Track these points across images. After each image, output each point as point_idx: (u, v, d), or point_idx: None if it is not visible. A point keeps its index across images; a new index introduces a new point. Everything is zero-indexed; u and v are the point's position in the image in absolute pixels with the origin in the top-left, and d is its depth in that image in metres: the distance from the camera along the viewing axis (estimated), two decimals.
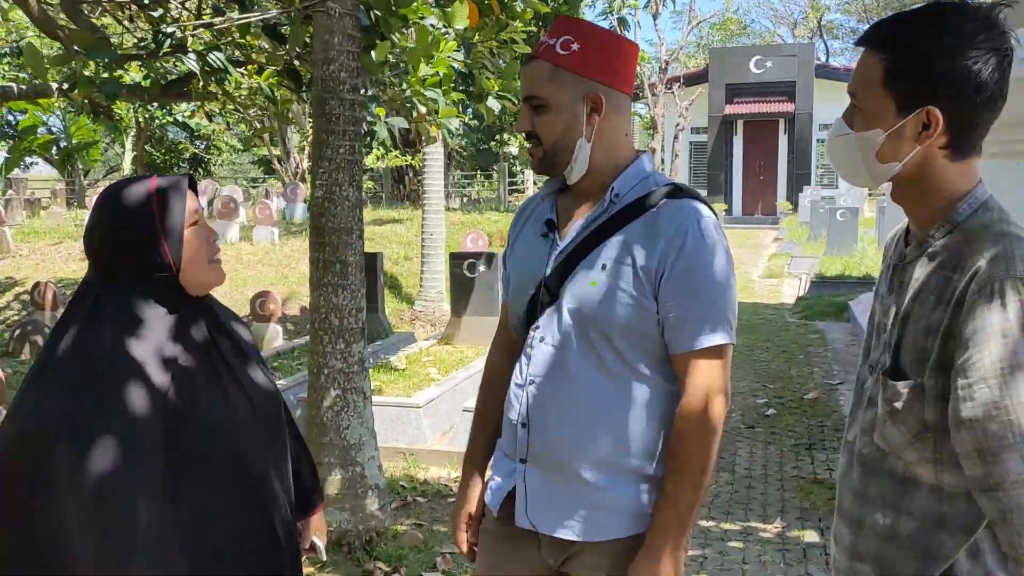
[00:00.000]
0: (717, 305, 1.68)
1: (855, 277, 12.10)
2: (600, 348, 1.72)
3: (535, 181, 27.53)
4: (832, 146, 1.50)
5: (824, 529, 4.29)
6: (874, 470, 1.44)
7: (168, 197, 1.61)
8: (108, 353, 1.54)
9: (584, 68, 1.71)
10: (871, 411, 1.45)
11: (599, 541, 1.76)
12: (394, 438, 5.44)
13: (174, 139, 27.39)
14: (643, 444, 1.73)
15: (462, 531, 2.02)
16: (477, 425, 2.07)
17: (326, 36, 3.81)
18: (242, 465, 1.65)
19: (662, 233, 1.68)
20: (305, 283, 10.31)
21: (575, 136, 1.73)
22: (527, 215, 1.95)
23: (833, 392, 6.92)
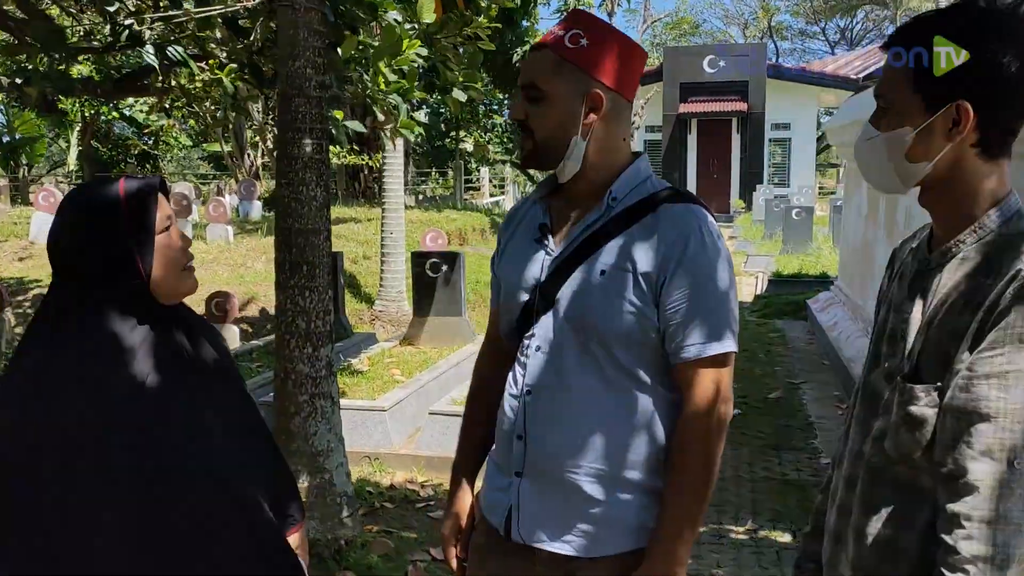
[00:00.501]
0: (719, 312, 1.63)
1: (812, 275, 12.23)
2: (599, 356, 1.66)
3: (491, 179, 27.46)
4: (860, 151, 1.47)
5: (797, 531, 4.27)
6: (880, 479, 1.41)
7: (139, 201, 1.52)
8: (73, 368, 1.45)
9: (590, 66, 1.64)
10: (884, 418, 1.42)
11: (599, 556, 1.69)
12: (359, 442, 5.31)
13: (120, 134, 26.82)
14: (643, 456, 1.67)
15: (452, 546, 1.95)
16: (465, 435, 1.99)
17: (291, 31, 3.69)
18: (221, 485, 1.55)
19: (663, 238, 1.62)
20: (262, 283, 10.17)
21: (569, 133, 1.66)
22: (518, 219, 1.87)
23: (796, 391, 6.96)
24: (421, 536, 4.33)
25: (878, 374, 1.49)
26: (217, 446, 1.56)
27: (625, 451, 1.66)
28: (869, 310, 7.47)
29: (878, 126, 1.41)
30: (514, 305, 1.78)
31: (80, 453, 1.41)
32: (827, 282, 11.18)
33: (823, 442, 5.66)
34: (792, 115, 27.52)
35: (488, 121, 25.93)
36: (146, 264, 1.51)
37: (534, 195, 1.84)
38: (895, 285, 1.53)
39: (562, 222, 1.75)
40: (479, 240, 14.77)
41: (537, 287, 1.73)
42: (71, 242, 1.50)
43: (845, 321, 8.18)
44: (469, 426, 1.99)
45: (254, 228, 12.83)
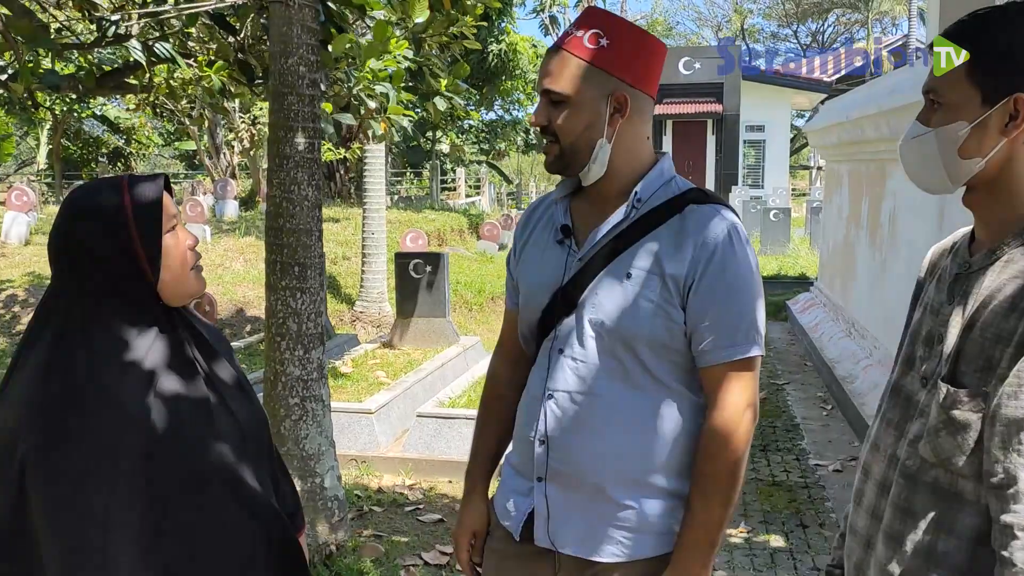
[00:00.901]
0: (747, 316, 1.61)
1: (791, 276, 12.31)
2: (625, 360, 1.64)
3: (466, 180, 27.39)
4: (907, 149, 1.44)
5: (788, 533, 4.28)
6: (917, 484, 1.39)
7: (143, 200, 1.47)
8: (81, 374, 1.40)
9: (612, 65, 1.61)
10: (920, 421, 1.40)
11: (624, 561, 1.68)
12: (345, 445, 5.25)
13: (90, 132, 26.46)
14: (669, 460, 1.66)
15: (465, 551, 1.92)
16: (480, 439, 1.97)
17: (284, 28, 3.63)
18: (234, 489, 1.51)
19: (691, 240, 1.60)
20: (241, 283, 10.07)
21: (595, 136, 1.63)
22: (536, 219, 1.84)
23: (780, 392, 6.97)
24: (412, 540, 4.28)
25: (912, 377, 1.47)
26: (230, 453, 1.52)
27: (650, 455, 1.65)
28: (851, 311, 7.54)
29: (928, 122, 1.40)
30: (535, 307, 1.75)
31: (94, 460, 1.36)
32: (806, 283, 11.25)
33: (810, 443, 5.67)
34: (766, 117, 27.73)
35: (465, 122, 25.87)
36: (153, 265, 1.46)
37: (554, 194, 1.80)
38: (932, 287, 1.51)
39: (585, 223, 1.72)
40: (458, 241, 14.73)
41: (560, 289, 1.70)
42: (73, 243, 1.45)
43: (827, 322, 8.22)
44: (483, 429, 1.96)
45: (230, 228, 12.70)
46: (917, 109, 1.45)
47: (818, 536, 4.25)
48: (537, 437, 1.71)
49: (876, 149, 6.72)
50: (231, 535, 1.50)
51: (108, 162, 26.78)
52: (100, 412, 1.38)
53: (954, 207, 4.76)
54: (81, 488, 1.34)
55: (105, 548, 1.34)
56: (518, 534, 1.75)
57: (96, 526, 1.34)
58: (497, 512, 1.84)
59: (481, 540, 1.91)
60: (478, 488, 1.93)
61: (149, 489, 1.39)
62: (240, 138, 14.95)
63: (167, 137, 29.34)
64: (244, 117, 14.94)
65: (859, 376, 6.34)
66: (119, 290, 1.45)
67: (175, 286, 1.51)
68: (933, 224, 5.14)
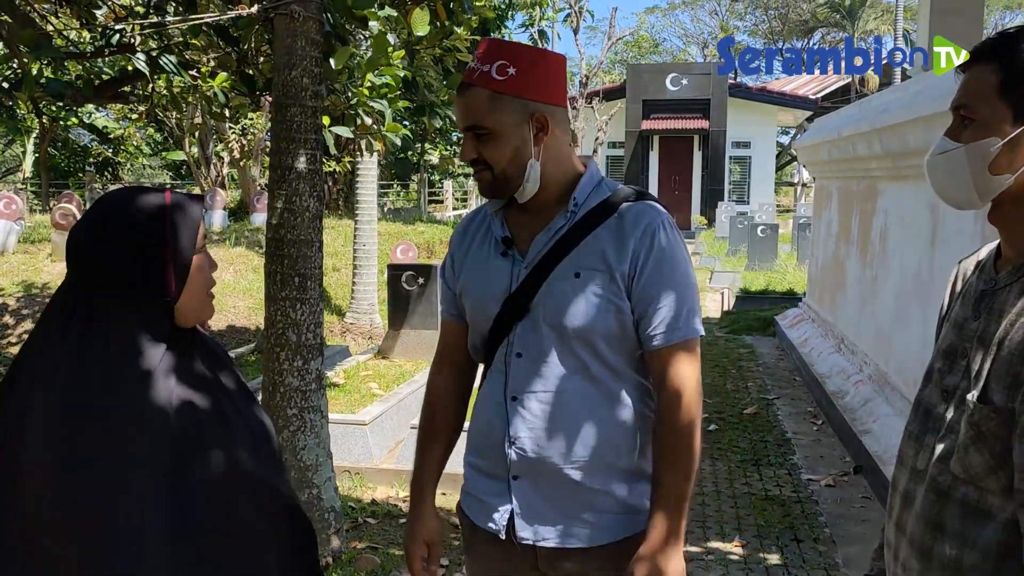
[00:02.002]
0: (687, 300, 1.75)
1: (779, 292, 12.38)
2: (582, 355, 1.75)
3: (454, 192, 27.43)
4: (935, 164, 1.46)
5: (783, 548, 4.30)
6: (947, 499, 1.40)
7: (181, 217, 1.46)
8: (105, 376, 1.39)
9: (525, 90, 1.71)
10: (950, 438, 1.41)
11: (602, 544, 1.78)
12: (339, 456, 5.22)
13: (77, 141, 26.32)
14: (630, 442, 1.78)
15: (418, 561, 1.95)
16: (425, 451, 2.00)
17: (288, 40, 3.65)
18: (258, 503, 1.51)
19: (630, 235, 1.73)
20: (229, 294, 10.04)
21: (525, 158, 1.73)
22: (472, 233, 1.92)
23: (771, 407, 7.01)
24: (407, 559, 4.27)
25: (931, 390, 1.50)
26: (249, 468, 1.52)
27: (614, 441, 1.77)
28: (840, 327, 7.59)
29: (957, 138, 1.41)
30: (486, 316, 1.83)
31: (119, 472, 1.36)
32: (794, 299, 11.32)
33: (801, 458, 5.70)
34: (752, 133, 27.92)
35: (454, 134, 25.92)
36: (177, 283, 1.46)
37: (489, 208, 1.89)
38: (957, 303, 1.53)
39: (524, 232, 1.82)
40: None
41: (510, 296, 1.78)
42: (102, 247, 1.43)
43: (816, 338, 8.27)
44: (428, 441, 2.00)
45: (220, 239, 12.66)
46: (909, 128, 1.48)
47: (813, 550, 4.27)
48: (507, 438, 1.79)
49: (867, 166, 6.78)
50: (253, 542, 1.50)
51: (95, 171, 26.64)
52: (124, 423, 1.37)
53: (946, 225, 4.81)
54: (108, 499, 1.33)
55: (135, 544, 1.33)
56: (504, 533, 1.82)
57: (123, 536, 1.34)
58: (473, 517, 1.89)
59: (437, 549, 1.95)
60: (427, 499, 1.97)
61: (173, 496, 1.39)
62: (230, 149, 14.92)
63: (155, 147, 29.23)
64: (235, 128, 14.91)
65: (850, 391, 6.38)
66: (139, 300, 1.44)
67: (192, 307, 1.50)
68: (924, 241, 5.20)
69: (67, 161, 26.83)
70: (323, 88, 3.81)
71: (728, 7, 47.58)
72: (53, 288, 9.86)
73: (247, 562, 1.49)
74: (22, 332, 8.86)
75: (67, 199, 14.57)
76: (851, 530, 4.54)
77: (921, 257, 5.27)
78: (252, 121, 14.57)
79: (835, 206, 8.26)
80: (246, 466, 1.51)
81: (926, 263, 5.16)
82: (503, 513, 1.81)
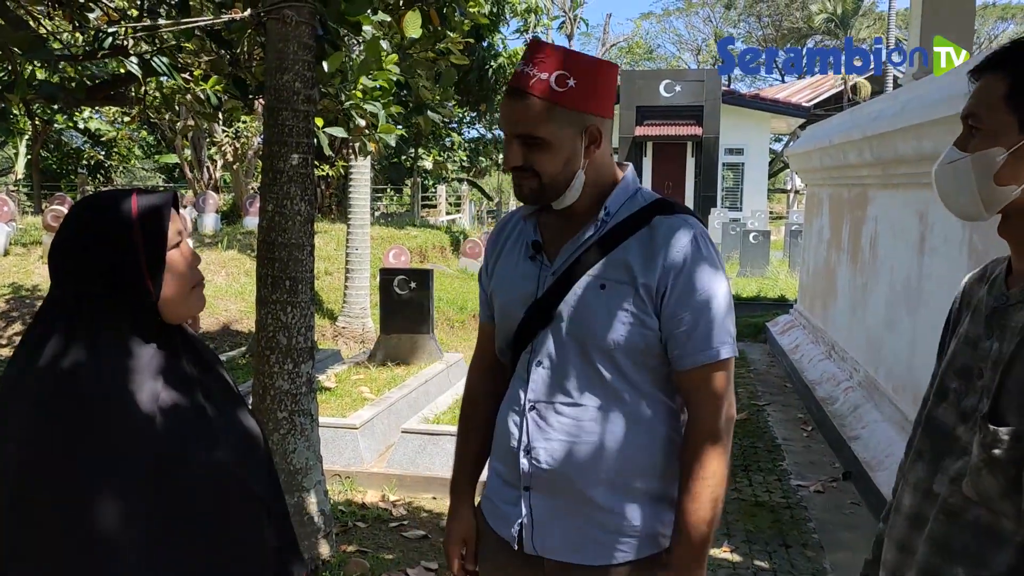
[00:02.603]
0: (720, 319, 1.68)
1: (770, 298, 12.41)
2: (603, 368, 1.70)
3: (447, 198, 27.41)
4: (942, 174, 1.43)
5: (771, 554, 4.31)
6: (958, 521, 1.38)
7: (151, 212, 1.46)
8: (90, 381, 1.39)
9: (583, 104, 1.67)
10: (964, 459, 1.38)
11: (611, 564, 1.73)
12: (329, 460, 5.22)
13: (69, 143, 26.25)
14: (649, 463, 1.72)
15: (457, 560, 1.95)
16: (462, 449, 2.01)
17: (281, 44, 3.66)
18: (238, 509, 1.51)
19: (661, 250, 1.67)
20: (223, 297, 10.03)
21: (574, 169, 1.70)
22: (506, 235, 1.90)
23: (761, 413, 7.02)
24: (397, 556, 4.28)
25: (947, 410, 1.46)
26: (233, 471, 1.52)
27: (633, 460, 1.71)
28: (830, 334, 7.62)
29: (965, 148, 1.38)
30: (510, 321, 1.80)
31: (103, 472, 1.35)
32: (786, 305, 11.35)
33: (791, 464, 5.72)
34: (745, 140, 27.97)
35: (447, 139, 25.94)
36: (156, 281, 1.46)
37: (522, 211, 1.87)
38: (967, 319, 1.49)
39: (555, 238, 1.78)
40: (439, 257, 14.73)
41: (534, 303, 1.75)
42: (77, 253, 1.44)
43: (806, 344, 8.30)
44: (465, 440, 2.01)
45: (212, 241, 12.64)
46: (899, 136, 1.46)
47: (802, 556, 4.28)
48: (521, 448, 1.76)
49: (858, 174, 6.82)
50: (237, 544, 1.50)
51: (88, 174, 26.58)
52: (108, 423, 1.37)
53: (935, 233, 4.84)
54: (89, 500, 1.33)
55: (113, 557, 1.34)
56: (516, 543, 1.79)
57: (105, 537, 1.34)
58: (491, 522, 1.88)
59: (472, 548, 1.95)
60: (464, 498, 1.98)
61: (157, 499, 1.39)
62: (223, 152, 14.90)
63: (147, 150, 29.17)
64: (228, 131, 14.90)
65: (839, 398, 6.40)
66: (120, 301, 1.45)
67: (176, 302, 1.49)
68: (913, 249, 5.22)
69: (59, 163, 26.76)
70: (315, 92, 3.81)
71: (722, 14, 47.73)
72: (43, 290, 9.84)
73: (228, 566, 1.49)
74: (13, 334, 8.83)
75: (59, 201, 14.54)
76: (840, 536, 4.56)
77: (910, 265, 5.29)
78: (245, 124, 14.56)
79: (826, 213, 8.29)
80: (230, 470, 1.51)
81: (915, 271, 5.19)
82: (516, 522, 1.79)
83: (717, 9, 47.46)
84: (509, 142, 1.70)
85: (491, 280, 1.90)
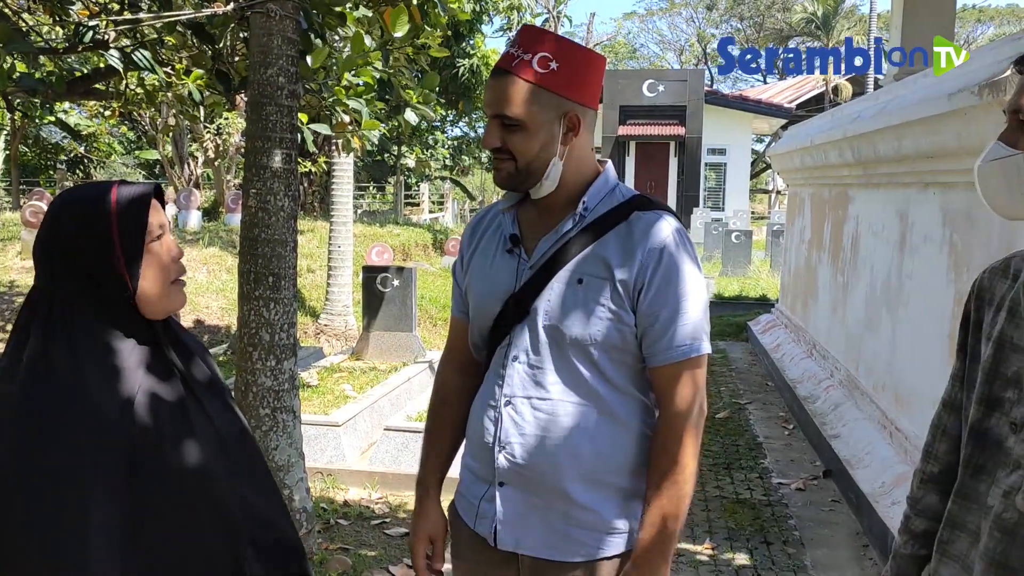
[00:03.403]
0: (695, 316, 1.68)
1: (752, 298, 12.47)
2: (579, 364, 1.69)
3: (430, 196, 27.39)
4: (987, 172, 1.36)
5: (752, 551, 4.33)
6: (1016, 538, 1.32)
7: (130, 204, 1.45)
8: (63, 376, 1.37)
9: (564, 88, 1.65)
10: (1018, 473, 1.31)
11: (584, 561, 1.73)
12: (311, 457, 5.21)
13: (48, 139, 26.01)
14: (624, 459, 1.72)
15: (422, 558, 1.93)
16: (431, 446, 1.99)
17: (264, 38, 3.63)
18: (215, 508, 1.49)
19: (639, 246, 1.67)
20: (204, 294, 9.97)
21: (550, 155, 1.68)
22: (483, 229, 1.88)
23: (743, 411, 7.06)
24: (379, 553, 4.27)
25: (998, 419, 1.38)
26: (213, 469, 1.51)
27: (606, 456, 1.71)
28: (811, 333, 7.66)
29: (1015, 144, 1.31)
30: (487, 315, 1.79)
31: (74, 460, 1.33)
32: (767, 304, 11.40)
33: (772, 462, 5.75)
34: (727, 140, 28.10)
35: (430, 137, 25.90)
36: (133, 275, 1.44)
37: (500, 205, 1.85)
38: (1001, 319, 1.40)
39: (533, 232, 1.77)
40: (422, 256, 14.72)
41: (512, 296, 1.74)
42: (55, 247, 1.43)
43: (788, 343, 8.34)
44: (434, 437, 1.99)
45: (193, 238, 12.57)
46: (879, 136, 1.40)
47: (782, 553, 4.31)
48: (496, 443, 1.74)
49: (839, 174, 6.86)
50: (206, 538, 1.48)
51: (67, 169, 26.34)
52: (82, 414, 1.35)
53: (915, 232, 4.87)
54: (59, 487, 1.31)
55: (83, 545, 1.31)
56: (492, 539, 1.79)
57: (74, 524, 1.32)
58: (465, 519, 1.86)
59: (440, 546, 1.93)
60: (431, 495, 1.96)
61: (129, 491, 1.37)
62: (205, 148, 14.81)
63: (128, 145, 28.96)
64: (209, 127, 14.81)
65: (820, 396, 6.44)
66: (99, 294, 1.43)
67: (154, 296, 1.47)
68: (894, 248, 5.26)
69: (38, 158, 26.50)
70: (299, 87, 3.79)
71: (705, 15, 47.93)
72: (21, 286, 9.75)
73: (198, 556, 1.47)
74: None
75: (37, 197, 14.39)
76: (820, 533, 4.59)
77: (890, 264, 5.33)
78: (228, 121, 14.47)
79: (807, 213, 8.34)
80: (206, 464, 1.48)
81: (895, 270, 5.23)
82: (490, 518, 1.78)
83: (700, 10, 47.66)
84: (489, 123, 1.69)
85: (466, 274, 1.88)
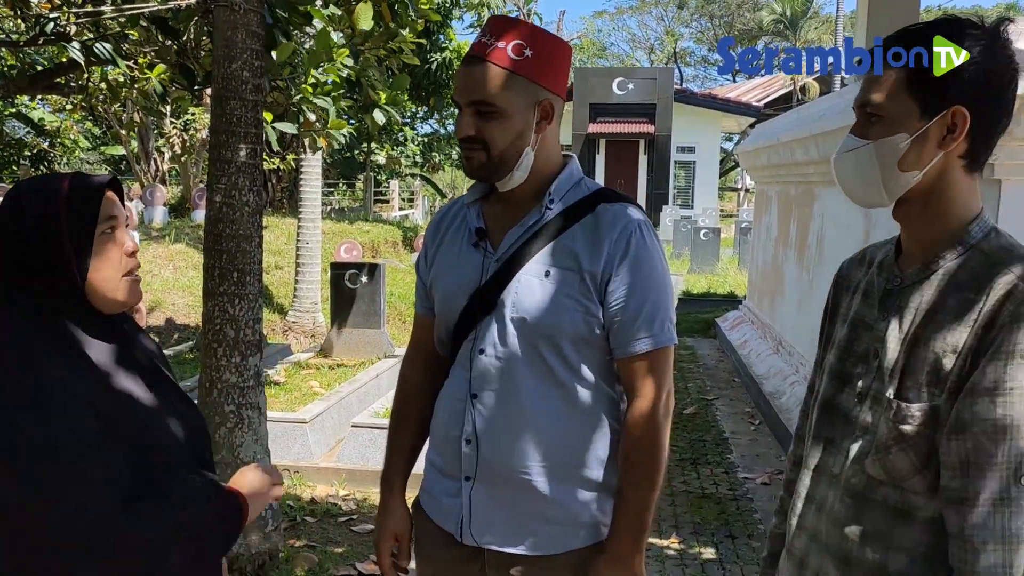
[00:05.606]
0: (661, 307, 1.68)
1: (720, 295, 12.56)
2: (547, 356, 1.69)
3: (400, 193, 27.30)
4: (842, 163, 1.42)
5: (718, 544, 4.37)
6: (865, 502, 1.39)
7: (81, 194, 1.43)
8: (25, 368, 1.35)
9: (538, 75, 1.64)
10: (864, 439, 1.39)
11: (553, 554, 1.72)
12: (278, 454, 5.19)
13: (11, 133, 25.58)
14: (593, 452, 1.72)
15: (387, 556, 1.93)
16: (394, 444, 1.98)
17: (229, 32, 3.60)
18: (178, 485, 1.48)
19: (606, 237, 1.67)
20: (169, 291, 9.88)
21: (524, 144, 1.67)
22: (447, 224, 1.87)
23: (710, 407, 7.11)
24: (346, 550, 4.26)
25: (848, 394, 1.47)
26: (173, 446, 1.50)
27: (575, 449, 1.70)
28: (778, 329, 7.73)
29: (864, 135, 1.38)
30: (453, 309, 1.78)
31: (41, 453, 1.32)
32: (735, 301, 11.49)
33: (738, 457, 5.80)
34: (696, 138, 28.27)
35: (400, 134, 25.80)
36: (82, 265, 1.42)
37: (465, 199, 1.84)
38: (855, 302, 1.51)
39: (499, 225, 1.76)
40: (391, 252, 14.67)
41: (477, 290, 1.73)
42: (8, 233, 1.41)
43: (755, 339, 8.41)
44: (398, 434, 1.98)
45: (160, 235, 12.44)
46: (844, 133, 1.45)
47: (747, 547, 4.35)
48: (464, 437, 1.73)
49: (805, 171, 6.92)
50: None
51: (31, 165, 25.93)
52: (46, 407, 1.33)
53: (879, 227, 4.94)
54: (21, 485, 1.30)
55: None
56: (458, 534, 1.78)
57: None
58: (431, 515, 1.85)
59: (406, 543, 1.93)
60: (396, 492, 1.95)
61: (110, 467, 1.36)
62: (171, 144, 14.66)
63: (93, 141, 28.57)
64: (176, 122, 14.66)
65: (786, 392, 6.50)
66: (48, 290, 1.41)
67: (104, 289, 1.45)
68: (859, 244, 5.30)
69: (1, 154, 26.06)
70: (264, 81, 3.77)
71: (675, 14, 48.16)
72: None
73: None
74: None
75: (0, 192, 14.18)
76: None
77: None
78: (194, 116, 14.34)
79: (774, 210, 8.41)
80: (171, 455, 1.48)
81: None
82: (456, 514, 1.76)
83: (670, 9, 47.88)
84: (462, 112, 1.67)
85: (431, 269, 1.87)
